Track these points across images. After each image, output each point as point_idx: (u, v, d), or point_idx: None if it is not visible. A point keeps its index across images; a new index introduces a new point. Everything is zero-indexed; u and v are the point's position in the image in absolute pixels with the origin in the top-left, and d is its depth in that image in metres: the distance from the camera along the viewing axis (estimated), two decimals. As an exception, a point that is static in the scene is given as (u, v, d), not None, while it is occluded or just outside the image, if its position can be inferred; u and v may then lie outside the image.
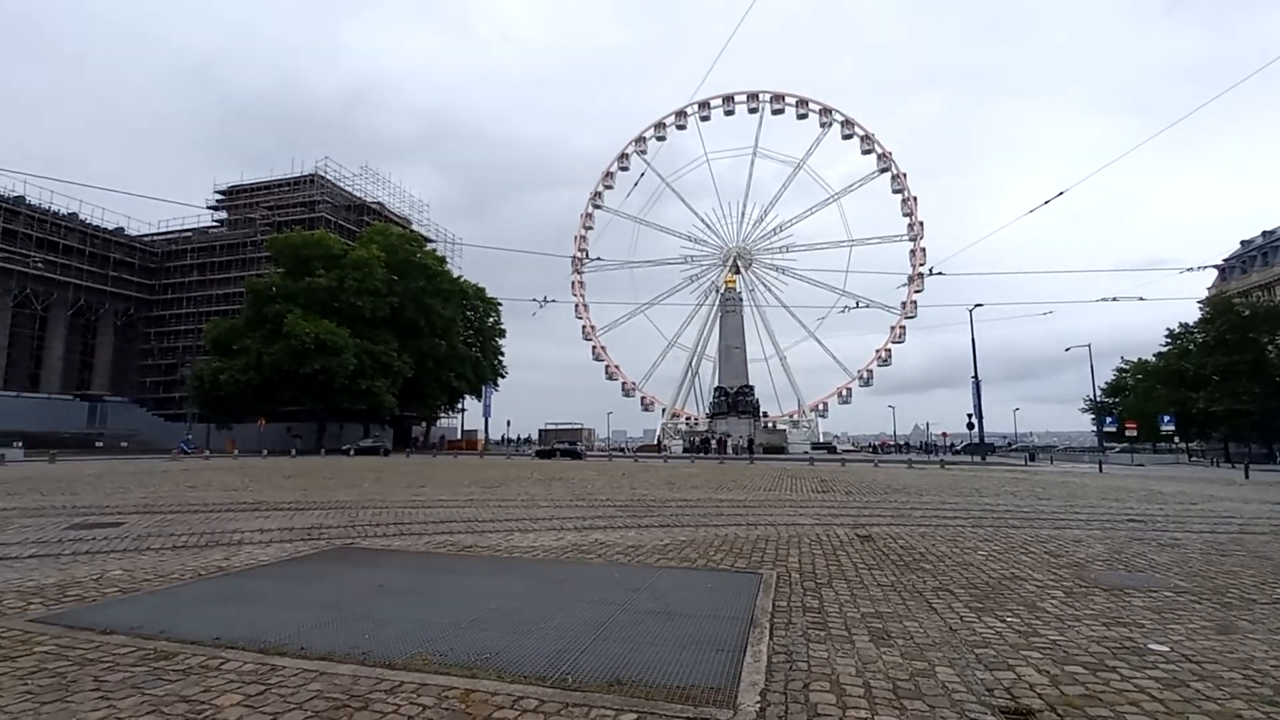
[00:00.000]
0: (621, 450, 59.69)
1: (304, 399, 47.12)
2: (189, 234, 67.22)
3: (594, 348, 70.70)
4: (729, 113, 71.55)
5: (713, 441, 49.76)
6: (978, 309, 39.33)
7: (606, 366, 71.00)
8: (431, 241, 70.02)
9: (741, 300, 64.39)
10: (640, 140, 72.57)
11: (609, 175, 72.99)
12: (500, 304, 68.14)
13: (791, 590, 6.17)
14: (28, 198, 55.50)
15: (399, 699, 3.53)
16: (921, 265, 62.02)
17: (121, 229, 64.40)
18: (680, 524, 10.79)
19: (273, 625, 4.92)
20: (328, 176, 66.23)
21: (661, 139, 72.83)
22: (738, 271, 68.77)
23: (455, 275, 62.91)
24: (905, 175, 66.60)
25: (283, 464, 30.77)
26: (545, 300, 34.06)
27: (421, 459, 39.01)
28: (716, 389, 61.98)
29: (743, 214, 70.57)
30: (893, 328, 66.03)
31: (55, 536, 9.02)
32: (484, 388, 60.52)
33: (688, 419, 69.82)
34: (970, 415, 40.90)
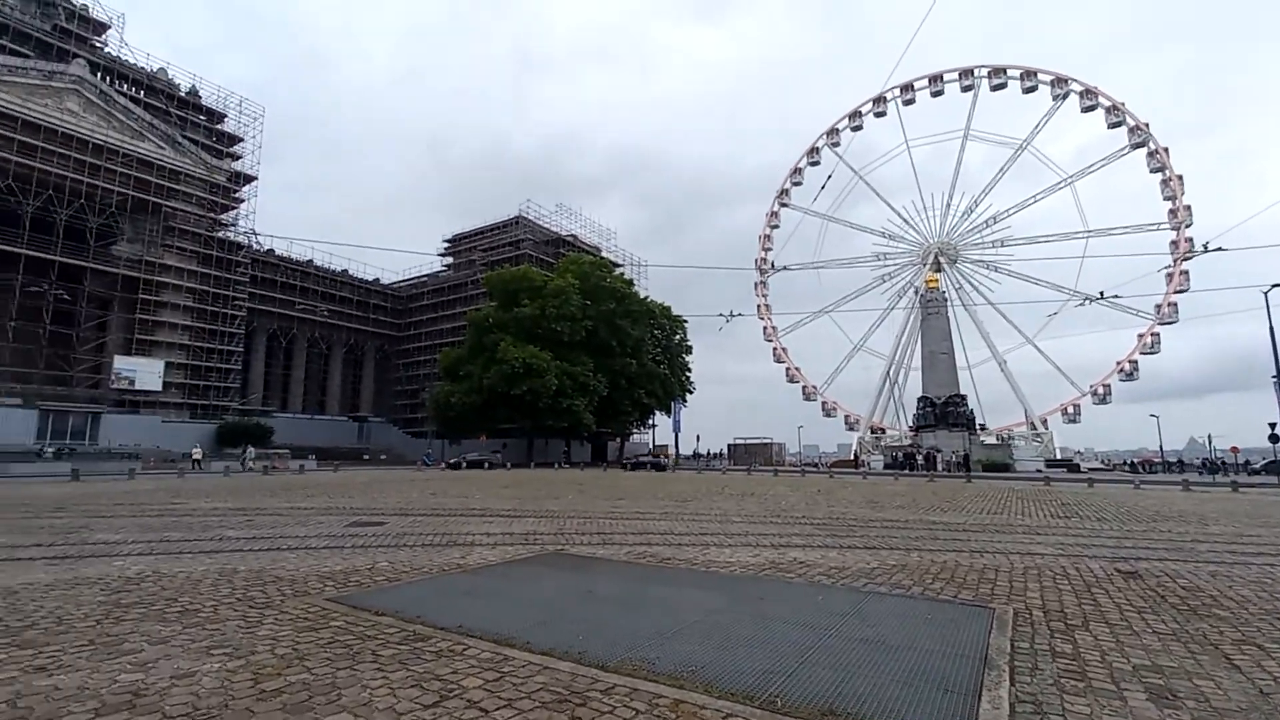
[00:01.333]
0: (814, 465, 57.25)
1: (516, 417, 52.57)
2: (425, 279, 79.37)
3: (775, 349, 68.86)
4: (937, 93, 64.89)
5: (919, 457, 45.45)
6: (1275, 290, 30.65)
7: (788, 369, 68.79)
8: (619, 266, 74.33)
9: (946, 301, 58.28)
10: (832, 133, 68.63)
11: (796, 172, 70.19)
12: (686, 321, 69.93)
13: (1035, 630, 5.33)
14: (315, 260, 70.06)
15: (613, 700, 3.68)
16: (1187, 256, 50.91)
17: (378, 279, 78.25)
18: (888, 546, 9.96)
19: (503, 619, 5.48)
20: (529, 216, 73.89)
21: (857, 129, 68.20)
22: (940, 270, 62.58)
23: (642, 296, 65.93)
24: (1166, 151, 55.20)
25: (500, 476, 34.49)
26: (731, 315, 33.79)
27: (616, 473, 41.13)
28: (921, 399, 56.70)
29: (948, 205, 63.92)
30: (1141, 335, 54.75)
31: (339, 532, 11.04)
32: (673, 403, 62.28)
33: (885, 432, 64.84)
34: (1274, 425, 32.06)
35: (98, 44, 53.96)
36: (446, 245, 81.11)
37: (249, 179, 59.72)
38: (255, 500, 17.24)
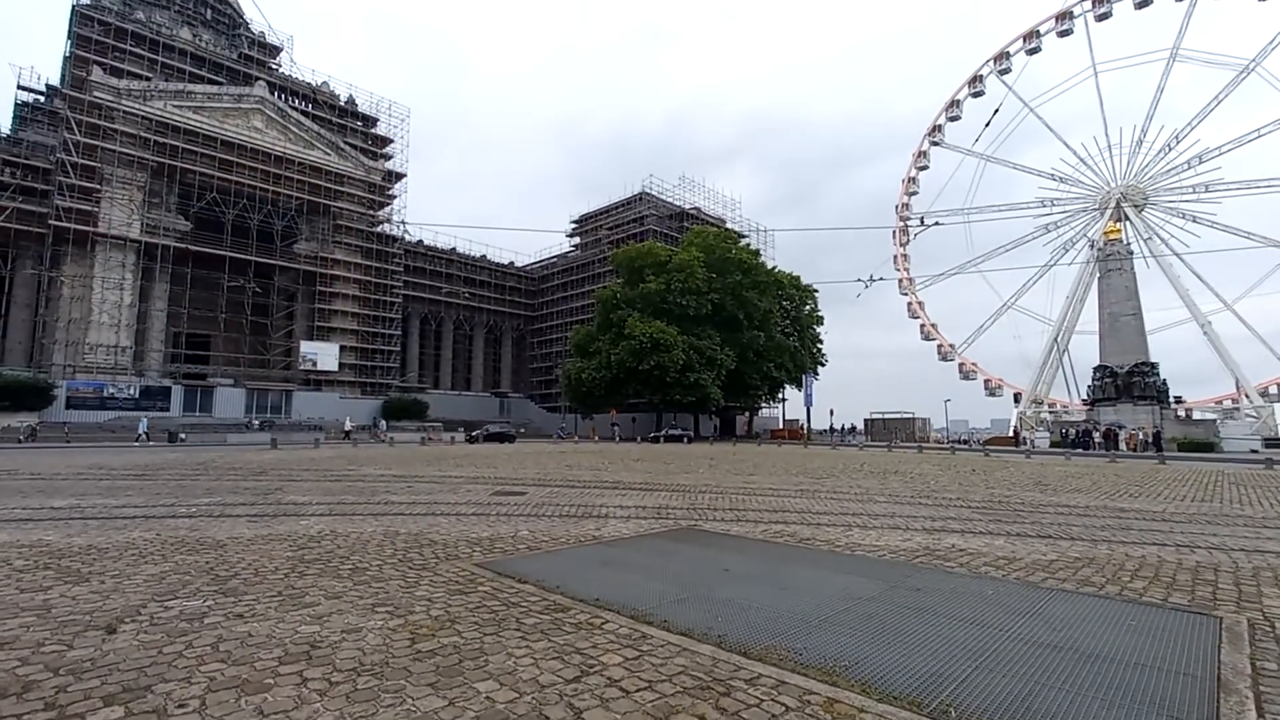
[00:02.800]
0: (965, 443, 52.58)
1: (644, 392, 53.45)
2: (555, 259, 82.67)
3: (910, 304, 63.60)
4: (1142, 4, 54.51)
5: (1095, 434, 40.02)
6: None
7: (922, 325, 63.40)
8: (744, 237, 72.43)
9: (1131, 254, 50.25)
10: (1001, 57, 60.04)
11: (954, 104, 62.69)
12: (816, 291, 66.80)
13: (1284, 648, 4.31)
14: (457, 248, 75.41)
15: (759, 692, 3.42)
16: None
17: (513, 263, 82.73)
18: (1066, 535, 8.73)
19: (639, 594, 5.41)
20: (652, 192, 74.02)
21: (1034, 51, 58.80)
22: (1122, 219, 54.18)
23: (770, 266, 63.82)
24: None
25: (631, 449, 35.27)
26: (871, 280, 30.79)
27: (746, 447, 40.52)
28: (1098, 368, 49.71)
29: (1138, 143, 54.75)
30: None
31: (485, 500, 11.73)
32: (804, 377, 60.03)
33: (1052, 406, 57.88)
34: None
35: (273, 65, 61.28)
36: (574, 226, 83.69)
37: (399, 176, 65.24)
38: (414, 469, 18.94)
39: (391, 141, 65.89)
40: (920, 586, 5.85)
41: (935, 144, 63.81)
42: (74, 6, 49.77)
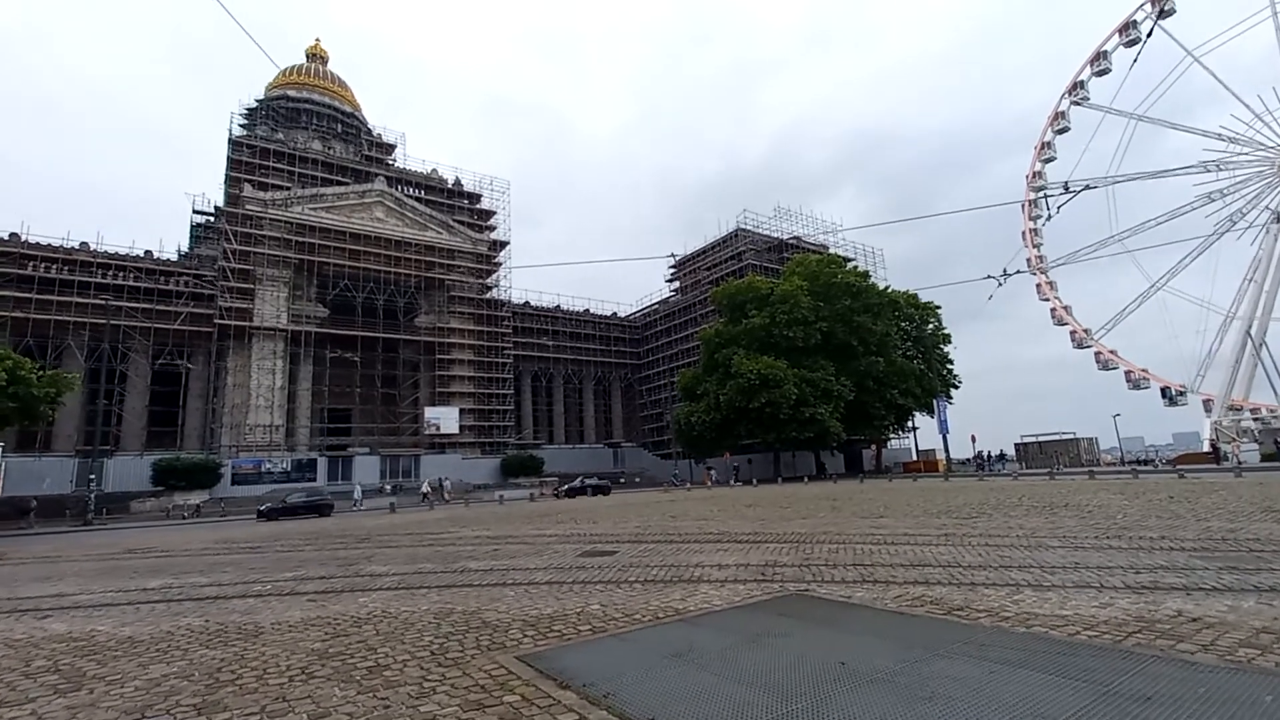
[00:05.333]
0: (1147, 463, 44.57)
1: (757, 431, 50.76)
2: (656, 306, 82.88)
3: (1039, 285, 55.80)
4: None
5: (1322, 442, 32.17)
6: None
7: (1053, 310, 55.30)
8: (850, 260, 68.63)
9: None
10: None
11: (1100, 56, 55.13)
12: (939, 308, 61.32)
13: None
14: (561, 305, 77.85)
15: None
16: None
17: (615, 314, 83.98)
18: (1362, 591, 5.99)
19: (715, 709, 3.86)
20: (748, 227, 72.60)
21: None
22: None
23: (882, 287, 59.60)
24: None
25: (745, 494, 32.95)
26: (1005, 275, 26.09)
27: (875, 484, 36.69)
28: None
29: None
30: None
31: (569, 563, 10.51)
32: (935, 402, 54.56)
33: (1255, 411, 48.00)
34: None
35: (388, 161, 67.76)
36: (672, 271, 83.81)
37: (503, 244, 68.92)
38: (513, 528, 18.26)
39: (494, 214, 69.98)
40: (1150, 694, 3.79)
41: (1078, 102, 56.46)
42: (229, 138, 58.09)
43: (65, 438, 47.17)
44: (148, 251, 55.52)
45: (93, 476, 35.41)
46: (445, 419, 59.94)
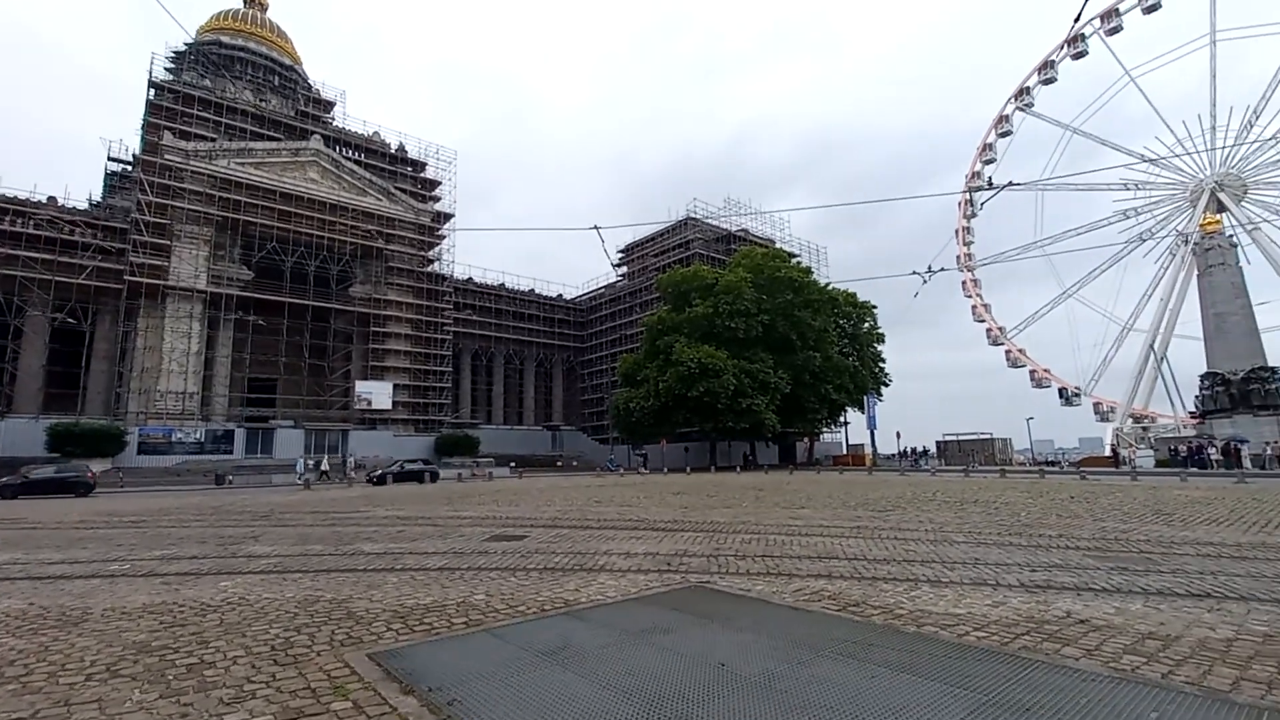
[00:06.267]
0: (1054, 464, 47.26)
1: (694, 420, 51.00)
2: (603, 290, 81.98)
3: (965, 281, 58.45)
4: None
5: (1211, 450, 34.78)
6: None
7: (974, 307, 58.26)
8: (795, 256, 69.66)
9: (1235, 246, 44.52)
10: (1110, 15, 53.71)
11: (1047, 66, 57.07)
12: (875, 307, 63.03)
13: None
14: (505, 284, 75.95)
15: None
16: None
17: (561, 295, 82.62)
18: (1233, 593, 6.13)
19: (568, 715, 3.43)
20: (698, 216, 72.51)
21: (1152, 9, 52.01)
22: (1219, 210, 48.48)
23: (824, 284, 60.72)
24: None
25: (678, 481, 32.96)
26: (930, 272, 26.74)
27: (805, 476, 37.42)
28: (1206, 376, 43.83)
29: (1250, 124, 49.05)
30: None
31: (472, 548, 9.93)
32: (866, 399, 56.16)
33: (1148, 420, 51.65)
34: None
35: (327, 119, 64.06)
36: (621, 255, 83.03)
37: (448, 217, 66.38)
38: (429, 508, 17.47)
39: (440, 184, 67.31)
40: (1030, 703, 3.59)
41: (1022, 108, 58.63)
42: (149, 81, 53.48)
43: (-57, 396, 42.77)
44: (51, 198, 50.72)
45: (-34, 439, 32.14)
46: (378, 394, 57.63)
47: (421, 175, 66.85)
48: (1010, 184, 22.40)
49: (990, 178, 57.16)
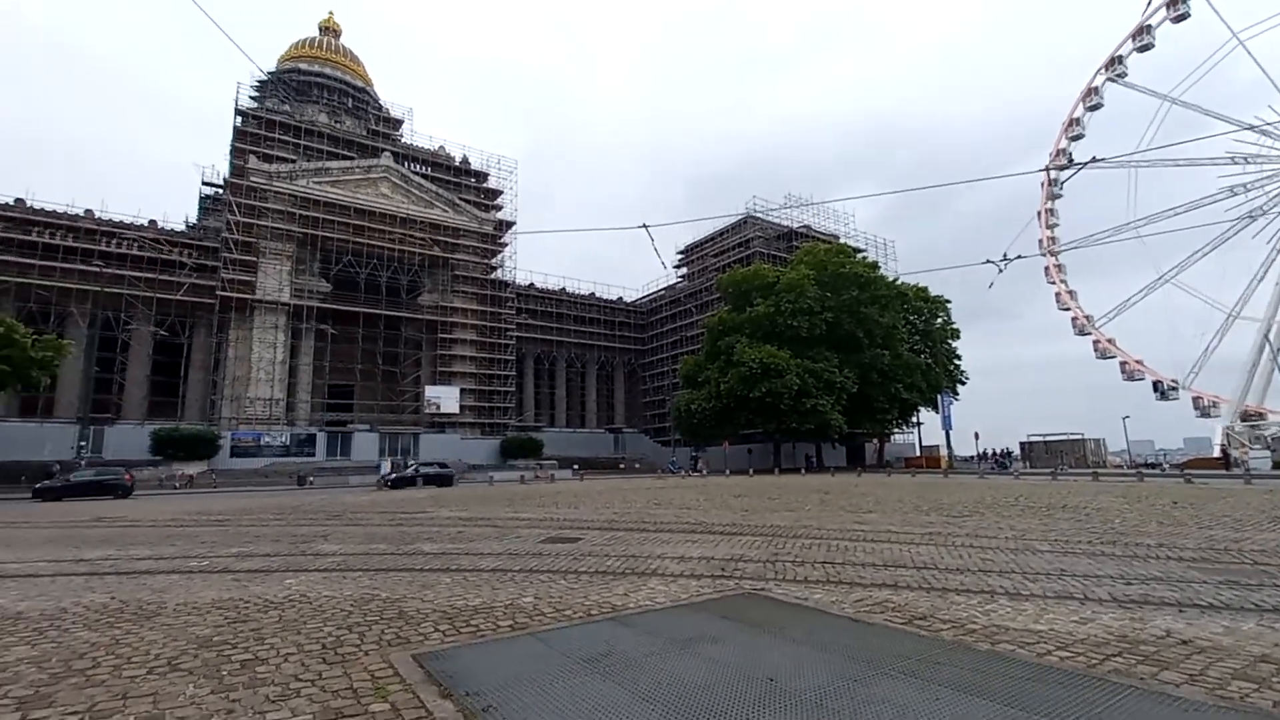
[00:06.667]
0: (1154, 466, 43.53)
1: (757, 421, 50.08)
2: (662, 292, 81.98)
3: (1048, 266, 54.24)
4: None
5: (1340, 451, 31.03)
6: None
7: (1058, 294, 53.97)
8: (860, 251, 67.45)
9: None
10: None
11: (1143, 31, 51.76)
12: (948, 302, 60.19)
13: None
14: (566, 288, 77.13)
15: None
16: None
17: (621, 298, 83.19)
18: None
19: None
20: (757, 214, 71.36)
21: None
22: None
23: (891, 279, 58.38)
24: None
25: (739, 483, 32.36)
26: (1005, 260, 24.48)
27: (874, 479, 35.97)
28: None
29: None
30: None
31: (526, 549, 9.96)
32: (940, 398, 53.60)
33: (1261, 417, 46.61)
34: None
35: (396, 136, 67.01)
36: (680, 256, 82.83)
37: (509, 225, 68.10)
38: (491, 510, 17.78)
39: (501, 193, 69.14)
40: (1123, 737, 3.15)
41: (1114, 79, 53.68)
42: (236, 109, 57.53)
43: (67, 404, 47.21)
44: (152, 221, 55.27)
45: (83, 444, 35.49)
46: (446, 398, 59.67)
47: (484, 185, 68.85)
48: (1096, 159, 20.41)
49: (1071, 154, 53.30)
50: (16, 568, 8.65)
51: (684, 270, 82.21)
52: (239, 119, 57.16)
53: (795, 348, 49.32)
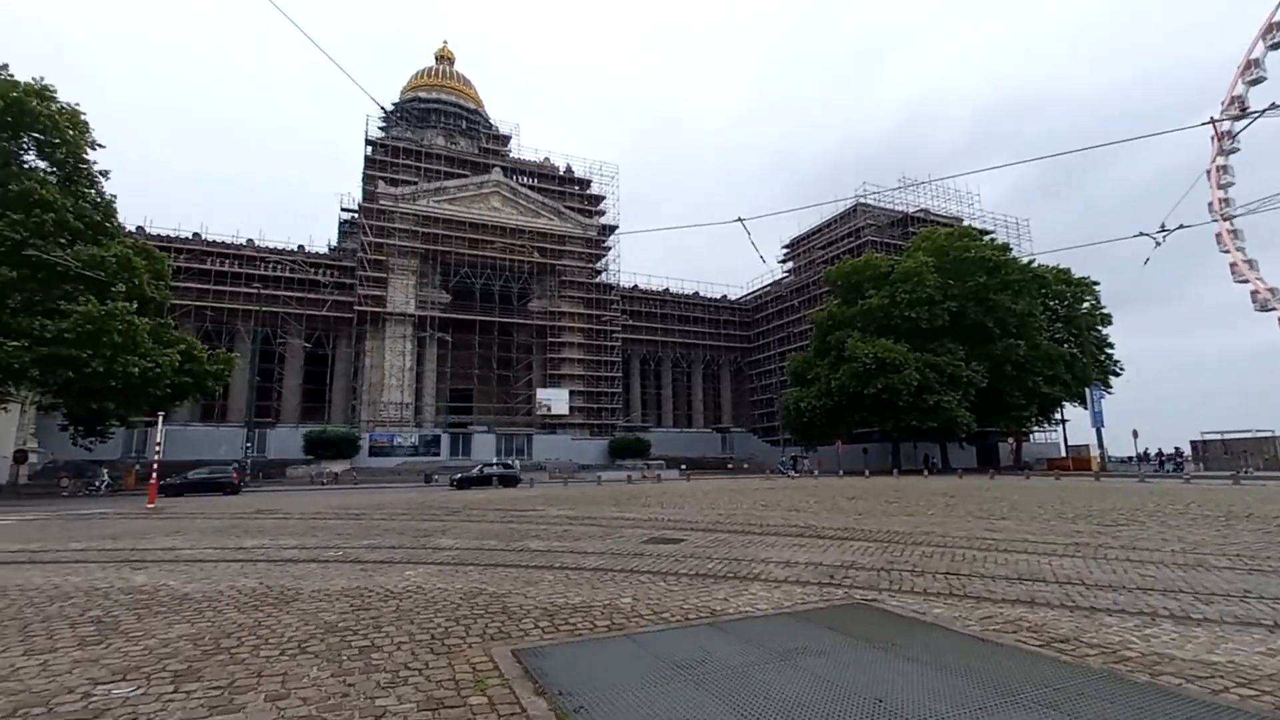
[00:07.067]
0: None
1: (872, 419, 47.46)
2: (768, 288, 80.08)
3: (1219, 234, 46.48)
4: None
5: None
6: None
7: (1233, 264, 46.00)
8: (988, 233, 62.13)
9: None
10: None
11: None
12: (1096, 284, 53.92)
13: None
14: (670, 289, 77.45)
15: None
16: None
17: (725, 296, 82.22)
18: None
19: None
20: (868, 201, 67.82)
21: None
22: None
23: (1025, 262, 53.19)
24: None
25: (853, 485, 30.79)
26: (1164, 231, 20.35)
27: (1009, 481, 32.86)
28: None
29: None
30: None
31: (629, 549, 9.99)
32: (1088, 391, 48.10)
33: None
34: None
35: (504, 152, 70.60)
36: (785, 251, 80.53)
37: (612, 229, 69.53)
38: (597, 509, 18.12)
39: (604, 199, 70.74)
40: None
41: None
42: (366, 139, 63.21)
43: (238, 410, 54.05)
44: (300, 246, 61.96)
45: (248, 445, 40.33)
46: (556, 400, 61.89)
47: (587, 192, 70.74)
48: (1275, 105, 16.79)
49: (1246, 102, 45.66)
50: (190, 554, 9.92)
51: (789, 265, 79.87)
52: (369, 149, 62.72)
53: (914, 341, 46.28)
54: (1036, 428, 59.32)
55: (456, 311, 60.70)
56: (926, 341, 46.63)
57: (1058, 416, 55.34)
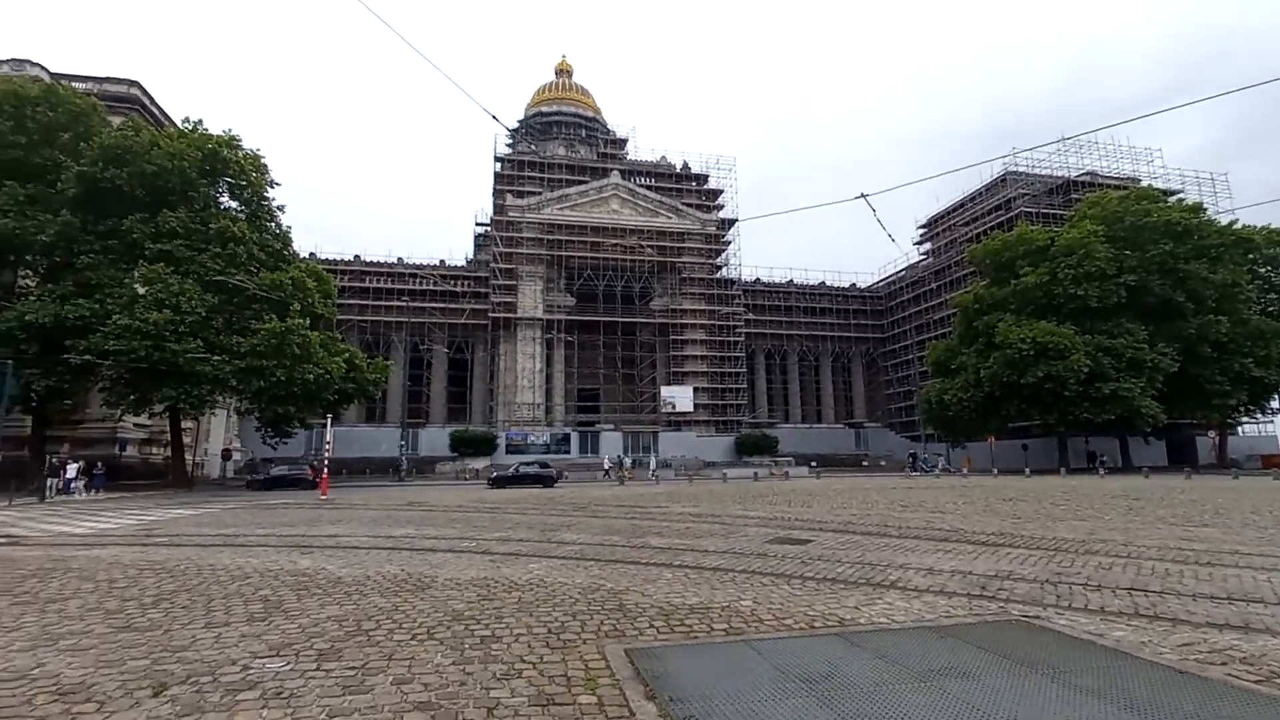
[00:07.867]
0: None
1: (1031, 412, 42.53)
2: (902, 273, 74.75)
3: None
4: None
5: None
6: None
7: None
8: (1175, 192, 53.51)
9: None
10: None
11: None
12: (1314, 243, 44.55)
13: None
14: (794, 280, 74.77)
15: None
16: None
17: (854, 284, 77.94)
18: None
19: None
20: (1019, 169, 61.02)
21: None
22: None
23: (1226, 223, 45.05)
24: None
25: (1010, 485, 27.74)
26: None
27: (1211, 481, 27.94)
28: None
29: None
30: None
31: (752, 549, 9.60)
32: (1314, 373, 39.82)
33: None
34: None
35: (621, 155, 72.08)
36: (923, 231, 74.75)
37: (731, 222, 68.46)
38: (721, 506, 17.78)
39: (722, 192, 69.89)
40: None
41: None
42: (495, 156, 67.45)
43: (394, 412, 59.92)
44: (441, 260, 67.43)
45: (403, 443, 44.49)
46: (680, 398, 62.05)
47: (705, 187, 70.30)
48: None
49: None
50: (348, 540, 10.99)
51: (927, 246, 74.03)
52: (497, 165, 66.84)
53: (1081, 322, 40.95)
54: (1246, 418, 50.11)
55: (581, 313, 62.85)
56: (1098, 322, 41.05)
57: (1274, 405, 46.35)
